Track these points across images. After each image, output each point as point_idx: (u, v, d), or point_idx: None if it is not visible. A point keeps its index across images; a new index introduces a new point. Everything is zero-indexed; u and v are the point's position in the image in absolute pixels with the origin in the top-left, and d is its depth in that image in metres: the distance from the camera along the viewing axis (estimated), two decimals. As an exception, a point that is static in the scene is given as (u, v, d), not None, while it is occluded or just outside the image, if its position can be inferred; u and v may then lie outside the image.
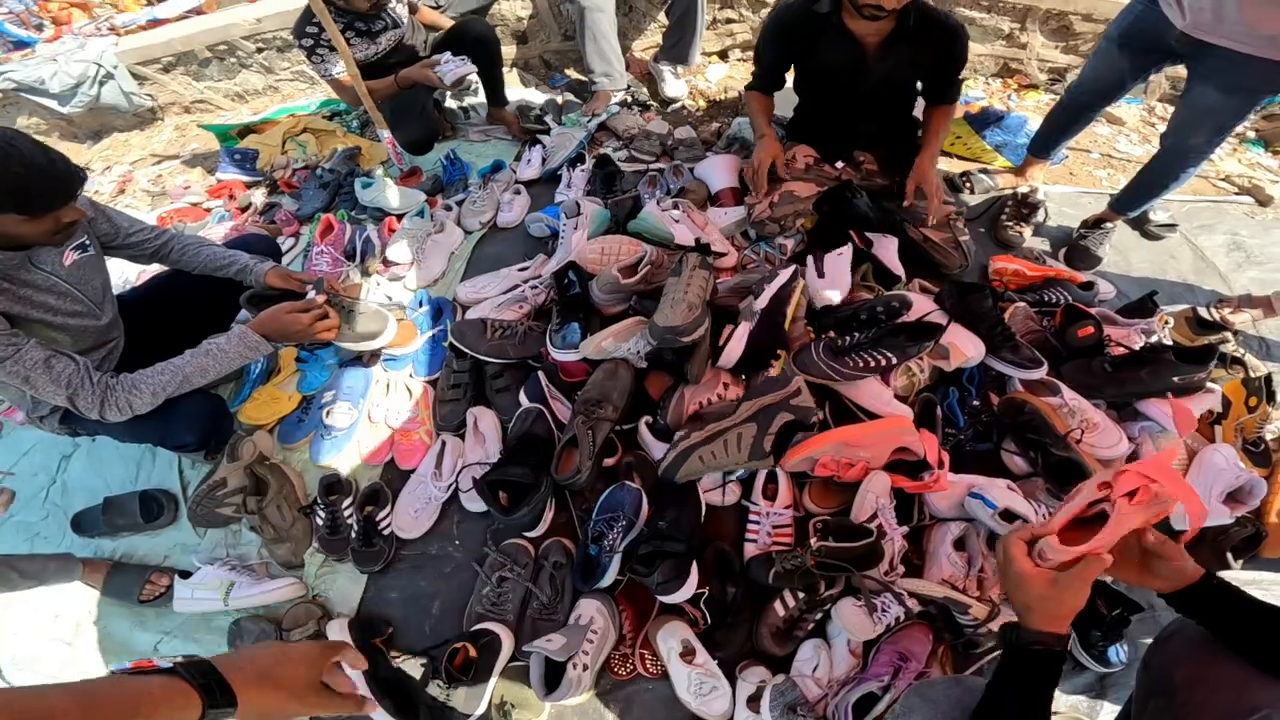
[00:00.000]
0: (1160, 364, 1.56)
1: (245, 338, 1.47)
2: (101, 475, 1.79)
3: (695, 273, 1.52)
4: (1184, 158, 1.93)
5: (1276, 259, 2.28)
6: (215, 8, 4.53)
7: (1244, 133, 3.06)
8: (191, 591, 1.49)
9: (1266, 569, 1.52)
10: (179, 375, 1.41)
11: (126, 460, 1.79)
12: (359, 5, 2.24)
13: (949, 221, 1.88)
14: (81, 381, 1.31)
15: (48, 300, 1.35)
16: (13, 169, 1.15)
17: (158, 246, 1.66)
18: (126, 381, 1.37)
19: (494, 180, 2.39)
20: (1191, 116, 1.84)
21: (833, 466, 1.38)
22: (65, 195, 1.25)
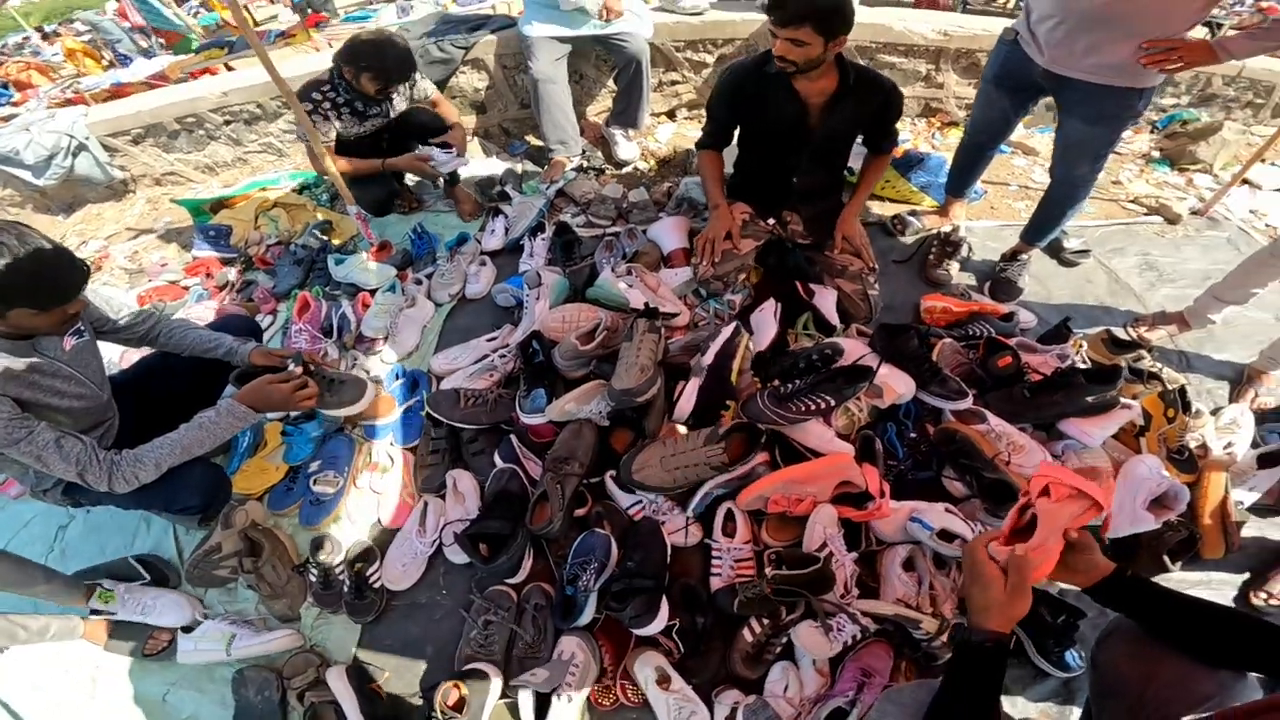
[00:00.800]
0: (1073, 387, 1.74)
1: (233, 410, 1.60)
2: (98, 543, 1.89)
3: (645, 336, 1.71)
4: (1073, 188, 2.14)
5: (1187, 275, 2.50)
6: (178, 73, 4.70)
7: (1149, 152, 3.35)
8: (195, 644, 1.60)
9: (1214, 569, 1.66)
10: (177, 447, 1.53)
11: (123, 529, 1.90)
12: (366, 89, 2.44)
13: (861, 275, 2.09)
14: (90, 459, 1.42)
15: (55, 384, 1.46)
16: (26, 266, 1.27)
17: (145, 331, 1.78)
18: (130, 456, 1.48)
19: (460, 252, 2.56)
20: (1067, 149, 2.06)
21: (783, 503, 1.55)
22: (74, 289, 1.37)
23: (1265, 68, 3.46)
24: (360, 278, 2.48)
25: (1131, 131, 3.56)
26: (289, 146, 3.52)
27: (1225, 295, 2.08)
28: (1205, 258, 2.60)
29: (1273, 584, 1.60)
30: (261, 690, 1.52)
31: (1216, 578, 1.65)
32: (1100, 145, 1.99)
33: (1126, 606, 1.07)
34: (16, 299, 1.29)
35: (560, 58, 2.85)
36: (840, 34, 1.81)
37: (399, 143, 2.74)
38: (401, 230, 2.80)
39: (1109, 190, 3.04)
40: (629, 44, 2.84)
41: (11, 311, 1.31)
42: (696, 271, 2.09)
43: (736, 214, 2.14)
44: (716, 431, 1.59)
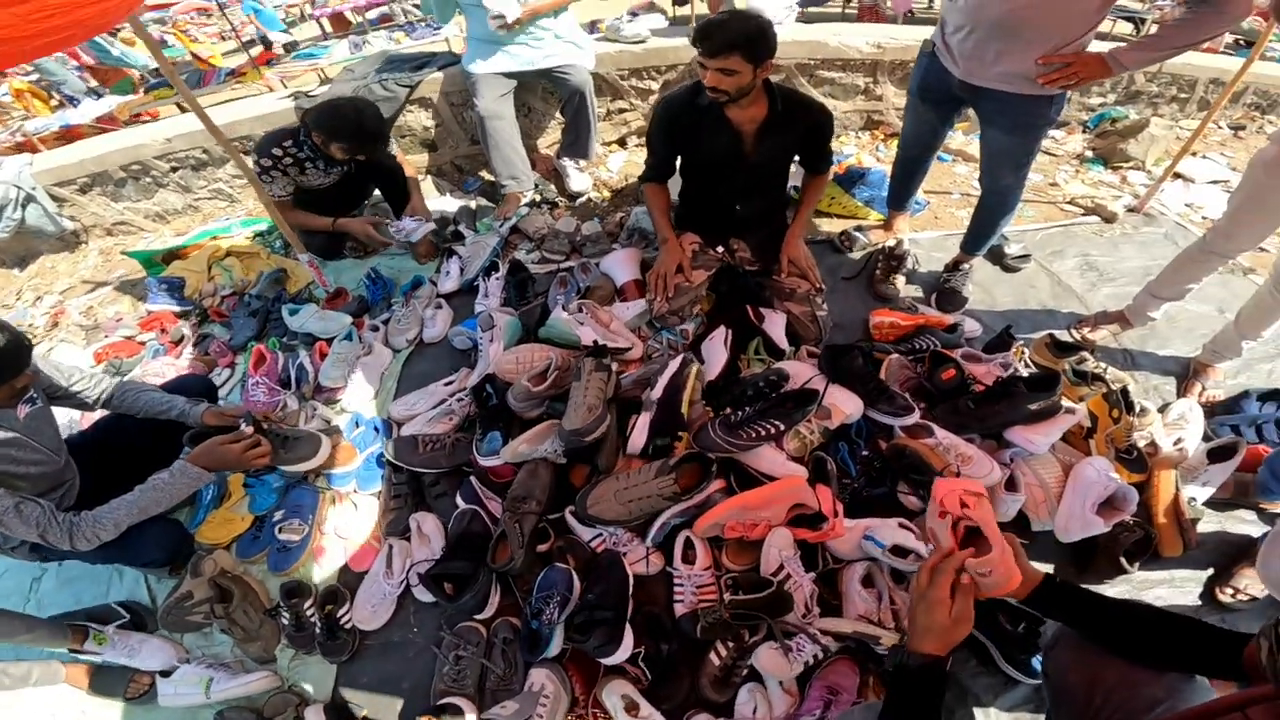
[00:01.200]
0: (1014, 396, 1.80)
1: (185, 471, 1.66)
2: (73, 594, 1.92)
3: (593, 375, 1.76)
4: (1001, 196, 2.22)
5: (1127, 273, 2.60)
6: (126, 114, 4.66)
7: (1083, 152, 3.48)
8: (174, 688, 1.62)
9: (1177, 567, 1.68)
10: (134, 508, 1.57)
11: (96, 579, 1.93)
12: (335, 155, 2.51)
13: (809, 296, 2.16)
14: (50, 521, 1.46)
15: (10, 453, 1.49)
16: None
17: (99, 394, 1.81)
18: (89, 517, 1.52)
19: (416, 297, 2.59)
20: (990, 158, 2.13)
21: (739, 529, 1.60)
22: (18, 367, 1.42)
23: (1185, 62, 3.62)
24: (316, 327, 2.49)
25: (1064, 133, 3.70)
26: (240, 192, 3.53)
27: (1162, 292, 2.15)
28: (1144, 254, 2.70)
29: (1238, 579, 1.62)
30: None
31: (1180, 575, 1.68)
32: (1020, 154, 2.06)
33: (1062, 614, 1.12)
34: None
35: (505, 93, 2.91)
36: (766, 59, 1.88)
37: (359, 186, 2.80)
38: (356, 275, 2.82)
39: (1047, 193, 3.17)
40: (572, 76, 2.91)
41: None
42: (652, 307, 2.14)
43: (686, 245, 2.20)
44: (667, 463, 1.64)
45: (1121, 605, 1.09)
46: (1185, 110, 3.74)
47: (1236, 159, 3.43)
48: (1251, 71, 2.67)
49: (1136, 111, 3.69)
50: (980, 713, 1.48)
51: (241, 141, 3.19)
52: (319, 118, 2.45)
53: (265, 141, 2.52)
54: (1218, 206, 3.00)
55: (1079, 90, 3.65)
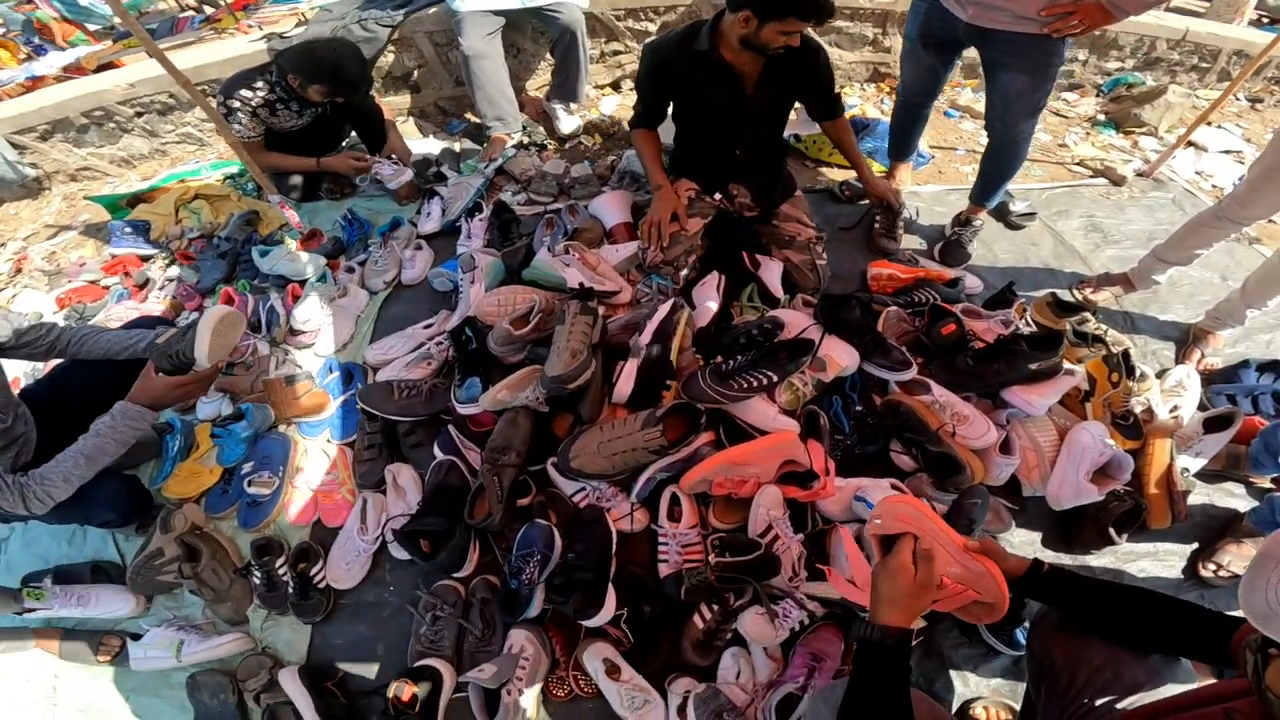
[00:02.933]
0: (1015, 354, 1.73)
1: (127, 411, 1.51)
2: (38, 553, 1.84)
3: (577, 319, 1.65)
4: (1013, 144, 2.13)
5: (1132, 236, 2.54)
6: (94, 63, 4.43)
7: (1095, 116, 3.38)
8: (145, 651, 1.57)
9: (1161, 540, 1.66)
10: (80, 458, 1.44)
11: (58, 538, 1.86)
12: (312, 97, 2.40)
13: (809, 245, 2.06)
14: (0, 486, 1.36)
15: None
16: None
17: (51, 342, 1.67)
18: (37, 476, 1.41)
19: (394, 238, 2.47)
20: (1004, 103, 2.02)
21: (727, 485, 1.52)
22: None
23: (1210, 32, 3.53)
24: (288, 268, 2.35)
25: (1078, 95, 3.59)
26: (209, 135, 3.36)
27: (1169, 256, 2.10)
28: (1150, 219, 2.64)
29: (1221, 555, 1.60)
30: (216, 694, 1.50)
31: (1164, 549, 1.66)
32: (1037, 95, 1.97)
33: (1048, 598, 1.10)
34: None
35: (493, 32, 2.75)
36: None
37: (334, 128, 2.68)
38: (331, 217, 2.68)
39: (1055, 153, 3.07)
40: (562, 14, 2.75)
41: None
42: (645, 257, 2.02)
43: (681, 192, 2.09)
44: (654, 414, 1.55)
45: (1108, 588, 1.07)
46: (1204, 80, 3.63)
47: (1251, 130, 3.36)
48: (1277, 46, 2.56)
49: (1154, 78, 3.58)
50: (960, 682, 1.46)
51: (210, 85, 3.00)
52: (296, 60, 2.33)
53: (231, 83, 2.39)
54: (1228, 176, 2.95)
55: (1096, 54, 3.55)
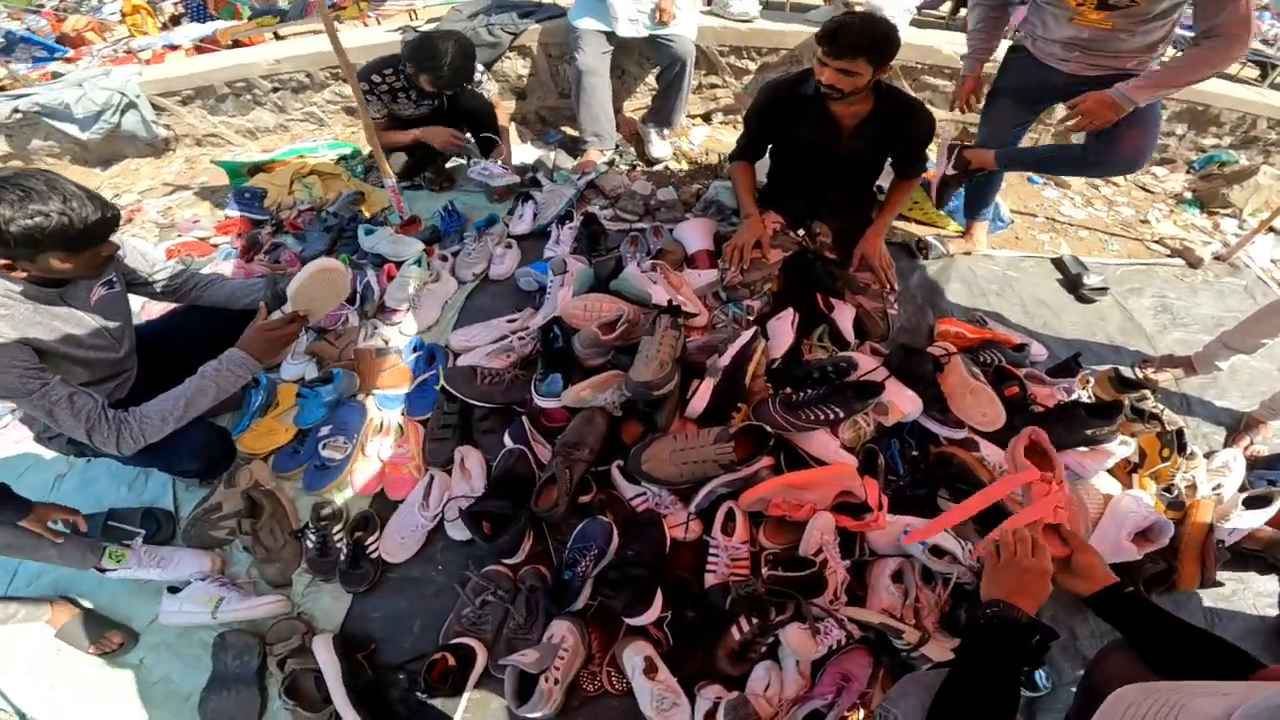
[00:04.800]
0: (1073, 420, 1.76)
1: (233, 358, 1.57)
2: (94, 494, 1.87)
3: (667, 333, 1.73)
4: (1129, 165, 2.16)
5: (1200, 320, 2.50)
6: (228, 39, 4.75)
7: (1181, 193, 3.34)
8: (179, 605, 1.56)
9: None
10: (181, 400, 1.49)
11: (118, 480, 1.89)
12: (423, 86, 2.57)
13: (883, 294, 2.12)
14: (99, 418, 1.39)
15: (74, 334, 1.44)
16: (54, 211, 1.24)
17: (178, 285, 1.78)
18: (137, 414, 1.45)
19: (488, 233, 2.59)
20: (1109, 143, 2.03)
21: (783, 507, 1.56)
22: (104, 232, 1.34)
23: None
24: (388, 249, 2.50)
25: (1167, 170, 3.54)
26: (330, 117, 3.58)
27: (1234, 343, 2.09)
28: (1220, 304, 2.60)
29: None
30: (241, 655, 1.50)
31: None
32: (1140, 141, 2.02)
33: (1120, 620, 1.11)
34: (46, 243, 1.27)
35: (606, 52, 2.89)
36: (887, 63, 1.86)
37: (450, 122, 2.83)
38: (430, 207, 2.83)
39: (1135, 229, 3.04)
40: (674, 44, 2.86)
41: (41, 256, 1.29)
42: (724, 276, 2.09)
43: (768, 223, 2.16)
44: (727, 430, 1.61)
45: (1181, 625, 1.07)
46: None
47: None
48: None
49: (1248, 157, 3.51)
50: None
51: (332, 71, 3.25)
52: (412, 49, 2.50)
53: (366, 68, 2.57)
54: None
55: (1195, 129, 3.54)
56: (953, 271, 2.57)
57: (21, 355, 1.31)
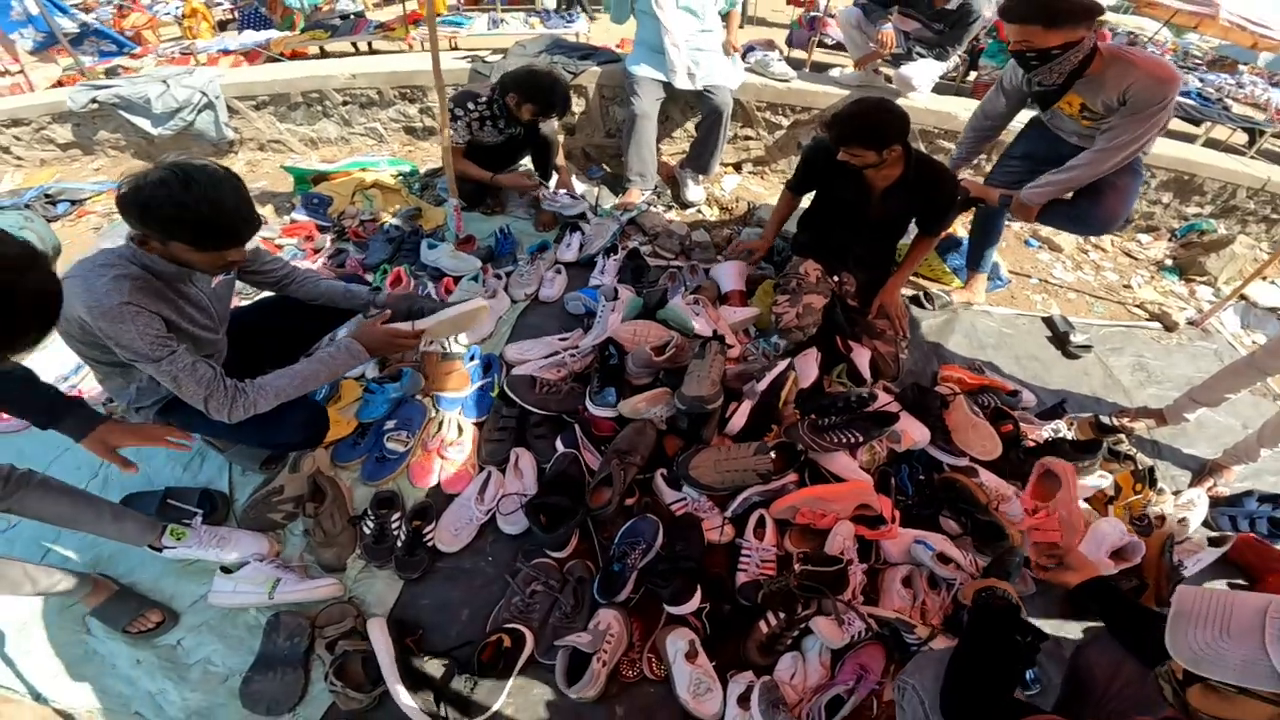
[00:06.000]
0: (1060, 453, 2.01)
1: (350, 347, 1.70)
2: (149, 474, 1.88)
3: (716, 357, 1.97)
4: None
5: (1174, 379, 2.76)
6: (280, 47, 4.99)
7: (1163, 260, 3.63)
8: (234, 585, 1.59)
9: None
10: (297, 378, 1.58)
11: (175, 461, 1.94)
12: (522, 115, 2.76)
13: (897, 340, 2.36)
14: (218, 385, 1.45)
15: (193, 313, 1.51)
16: (201, 207, 1.28)
17: (281, 276, 1.87)
18: (254, 386, 1.51)
19: (540, 258, 2.82)
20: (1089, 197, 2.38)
21: (809, 516, 1.77)
22: (237, 239, 1.39)
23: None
24: (449, 264, 2.71)
25: (1151, 237, 3.84)
26: (391, 134, 3.79)
27: (1201, 397, 2.34)
28: (1192, 365, 2.86)
29: None
30: (292, 636, 1.53)
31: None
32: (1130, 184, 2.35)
33: (1098, 605, 1.33)
34: (180, 233, 1.31)
35: (659, 99, 3.12)
36: (892, 144, 2.06)
37: (518, 149, 3.07)
38: (483, 229, 3.04)
39: (1119, 293, 3.32)
40: (716, 96, 3.10)
41: (172, 242, 1.34)
42: (781, 320, 2.24)
43: (810, 270, 2.33)
44: (765, 444, 1.83)
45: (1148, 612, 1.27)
46: (1271, 232, 3.82)
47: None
48: None
49: (1226, 226, 3.79)
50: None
51: (413, 90, 3.48)
52: (520, 81, 2.69)
53: (462, 95, 2.76)
54: (1272, 332, 3.14)
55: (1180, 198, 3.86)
56: (956, 324, 2.83)
57: (155, 324, 1.36)
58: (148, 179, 1.26)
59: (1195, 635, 0.87)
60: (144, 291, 1.37)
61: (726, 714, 1.49)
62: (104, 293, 1.31)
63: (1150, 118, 2.07)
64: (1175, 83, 2.05)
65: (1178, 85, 2.06)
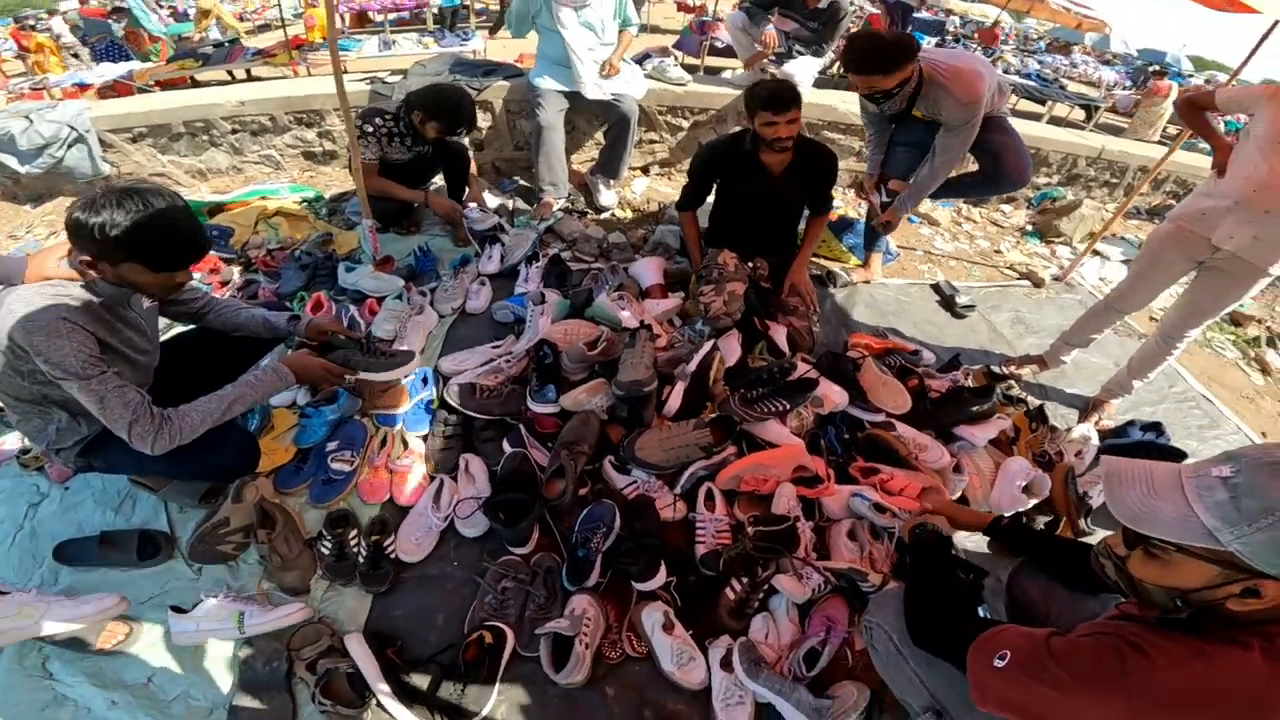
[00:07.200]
0: (960, 400, 2.24)
1: (278, 370, 1.69)
2: (77, 520, 1.82)
3: (646, 344, 2.06)
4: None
5: (1047, 329, 3.09)
6: (145, 79, 4.70)
7: (1025, 226, 4.06)
8: (196, 625, 1.53)
9: None
10: (224, 402, 1.55)
11: (104, 505, 1.85)
12: (428, 133, 2.74)
13: (808, 314, 2.55)
14: (145, 413, 1.41)
15: (131, 337, 1.49)
16: (160, 228, 1.30)
17: (199, 307, 1.84)
18: (178, 414, 1.47)
19: (464, 272, 2.82)
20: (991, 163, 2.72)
21: (753, 482, 1.88)
22: (192, 261, 1.41)
23: (1121, 150, 4.23)
24: (370, 285, 2.66)
25: (1012, 207, 4.30)
26: (289, 161, 3.66)
27: (1072, 340, 2.65)
28: (1061, 315, 3.20)
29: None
30: (270, 661, 1.50)
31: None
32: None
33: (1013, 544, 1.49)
34: (134, 256, 1.32)
35: (563, 109, 3.20)
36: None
37: (429, 167, 3.05)
38: (401, 248, 3.01)
39: (992, 258, 3.70)
40: (622, 103, 3.22)
41: (124, 264, 1.34)
42: (710, 309, 2.40)
43: (728, 259, 2.49)
44: (703, 420, 1.94)
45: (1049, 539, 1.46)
46: (1114, 194, 4.34)
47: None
48: (1172, 160, 3.26)
49: (1073, 193, 4.28)
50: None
51: (309, 115, 3.37)
52: (424, 99, 2.69)
53: (367, 111, 2.74)
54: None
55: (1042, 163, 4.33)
56: (858, 297, 3.08)
57: (89, 343, 1.35)
58: (103, 202, 1.27)
59: (1129, 494, 0.91)
60: (83, 311, 1.36)
61: (713, 679, 1.54)
62: (41, 309, 1.31)
63: (964, 131, 2.50)
64: (978, 103, 2.42)
65: (980, 104, 2.43)
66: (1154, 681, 0.86)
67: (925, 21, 12.06)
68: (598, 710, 1.53)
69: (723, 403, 2.07)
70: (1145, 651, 0.88)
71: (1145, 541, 0.91)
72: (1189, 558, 0.86)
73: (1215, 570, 0.85)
